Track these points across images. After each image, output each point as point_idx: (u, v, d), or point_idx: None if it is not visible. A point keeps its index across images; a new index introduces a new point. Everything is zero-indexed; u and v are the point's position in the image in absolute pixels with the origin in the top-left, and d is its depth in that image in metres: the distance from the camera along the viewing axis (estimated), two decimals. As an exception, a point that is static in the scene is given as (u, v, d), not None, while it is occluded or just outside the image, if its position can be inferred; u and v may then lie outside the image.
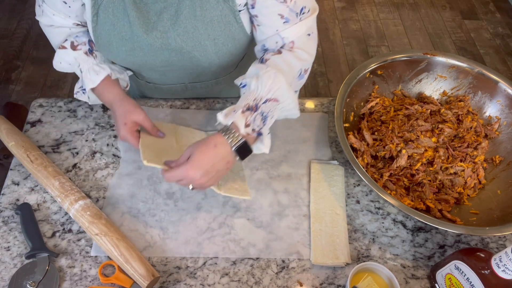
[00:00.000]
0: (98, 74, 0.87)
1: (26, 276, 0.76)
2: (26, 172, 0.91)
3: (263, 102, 0.75)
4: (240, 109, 0.73)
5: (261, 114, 0.74)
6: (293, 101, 0.79)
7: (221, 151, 0.72)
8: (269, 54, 0.81)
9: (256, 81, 0.75)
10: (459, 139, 0.96)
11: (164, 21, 0.79)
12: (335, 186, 0.91)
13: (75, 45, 0.87)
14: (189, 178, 0.72)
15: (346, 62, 2.46)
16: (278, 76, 0.75)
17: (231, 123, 0.73)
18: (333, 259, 0.81)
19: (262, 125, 0.74)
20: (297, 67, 0.80)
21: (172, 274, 0.79)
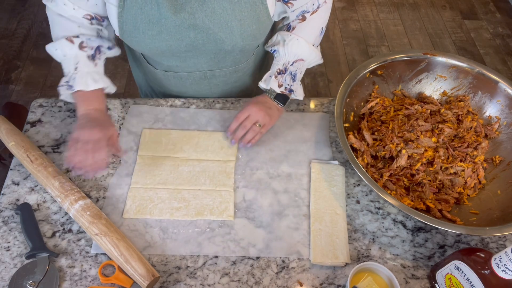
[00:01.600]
0: (96, 82, 0.88)
1: (26, 276, 0.76)
2: (26, 172, 0.91)
3: (290, 64, 0.96)
4: (273, 74, 0.96)
5: (290, 74, 0.96)
6: (316, 56, 0.98)
7: (267, 100, 0.97)
8: (295, 22, 0.96)
9: (283, 48, 0.96)
10: (459, 139, 0.96)
11: (192, 2, 0.80)
12: (335, 186, 0.91)
13: (83, 46, 0.88)
14: (253, 112, 0.94)
15: (346, 62, 2.46)
16: (301, 42, 0.94)
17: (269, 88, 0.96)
18: (332, 259, 0.81)
19: (292, 82, 0.97)
20: (319, 28, 0.97)
21: (172, 274, 0.79)
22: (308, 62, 0.98)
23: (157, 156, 0.94)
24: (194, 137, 0.97)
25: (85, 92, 0.87)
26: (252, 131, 0.94)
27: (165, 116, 1.01)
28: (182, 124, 1.00)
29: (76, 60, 0.87)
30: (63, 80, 0.88)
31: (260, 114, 0.94)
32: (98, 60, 0.90)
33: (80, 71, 0.87)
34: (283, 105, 0.97)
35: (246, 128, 0.93)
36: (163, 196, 0.88)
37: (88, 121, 0.85)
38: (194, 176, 0.91)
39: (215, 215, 0.86)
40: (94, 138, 0.82)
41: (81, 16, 0.86)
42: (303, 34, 0.95)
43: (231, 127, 0.95)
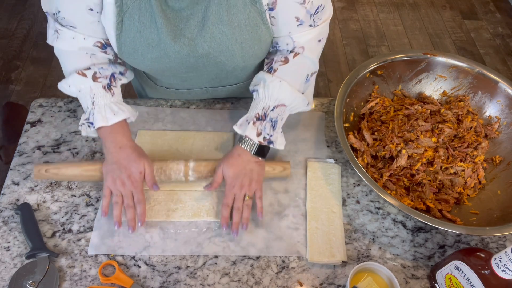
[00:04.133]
0: (116, 114, 0.83)
1: (26, 276, 0.76)
2: (26, 172, 0.91)
3: (271, 110, 0.85)
4: (251, 120, 0.84)
5: (270, 121, 0.85)
6: (300, 101, 0.87)
7: (244, 157, 0.85)
8: (277, 63, 0.87)
9: (263, 89, 0.85)
10: (459, 139, 0.96)
11: (191, 27, 0.78)
12: (332, 185, 0.91)
13: (97, 76, 0.84)
14: (236, 188, 0.83)
15: (346, 62, 2.46)
16: (283, 84, 0.84)
17: (245, 135, 0.84)
18: (329, 257, 0.81)
19: (271, 131, 0.85)
20: (303, 73, 0.87)
21: (172, 274, 0.79)
22: (290, 108, 0.87)
23: (153, 157, 0.93)
24: (189, 138, 0.97)
25: (106, 128, 0.83)
26: (246, 208, 0.84)
27: (165, 116, 1.01)
28: (182, 124, 1.00)
29: (92, 93, 0.83)
30: (83, 118, 0.85)
31: (245, 185, 0.83)
32: (114, 88, 0.86)
33: (97, 105, 0.83)
34: (263, 158, 0.87)
35: (240, 210, 0.83)
36: (159, 198, 0.88)
37: (117, 168, 0.82)
38: (192, 177, 0.91)
39: (211, 216, 0.86)
40: (128, 192, 0.82)
41: (91, 44, 0.83)
42: (286, 77, 0.85)
43: (223, 217, 0.83)
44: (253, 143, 0.84)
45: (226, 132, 0.99)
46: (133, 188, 0.82)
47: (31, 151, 0.94)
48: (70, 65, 0.85)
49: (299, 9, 0.79)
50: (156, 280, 0.79)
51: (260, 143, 0.84)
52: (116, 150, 0.83)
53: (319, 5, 0.80)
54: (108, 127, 0.83)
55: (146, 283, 0.78)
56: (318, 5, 0.80)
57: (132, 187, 0.81)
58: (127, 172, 0.82)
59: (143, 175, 0.83)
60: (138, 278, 0.79)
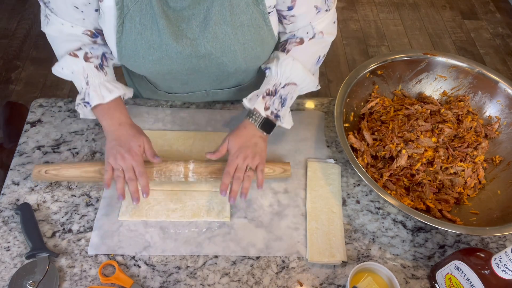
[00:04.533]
0: (111, 92, 0.84)
1: (26, 276, 0.77)
2: (26, 172, 0.91)
3: (282, 87, 0.87)
4: (261, 94, 0.86)
5: (279, 97, 0.87)
6: (310, 82, 0.90)
7: (250, 130, 0.86)
8: (292, 44, 0.88)
9: (276, 67, 0.87)
10: (459, 139, 0.96)
11: (193, 28, 0.78)
12: (332, 185, 0.91)
13: (89, 56, 0.84)
14: (240, 159, 0.83)
15: (346, 62, 2.46)
16: (295, 63, 0.86)
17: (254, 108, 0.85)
18: (329, 257, 0.81)
19: (280, 107, 0.86)
20: (316, 55, 0.90)
21: (172, 274, 0.79)
22: (301, 88, 0.89)
23: None
24: (189, 138, 0.97)
25: (103, 106, 0.84)
26: (247, 178, 0.83)
27: (165, 116, 1.01)
28: (182, 124, 1.00)
29: (85, 73, 0.84)
30: (79, 98, 0.85)
31: (248, 157, 0.84)
32: (106, 68, 0.87)
33: (92, 84, 0.84)
34: (268, 133, 0.88)
35: (240, 179, 0.83)
36: (159, 198, 0.88)
37: (117, 144, 0.82)
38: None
39: (211, 216, 0.86)
40: (129, 165, 0.81)
41: (80, 32, 0.84)
42: (299, 57, 0.87)
43: (224, 183, 0.82)
44: (260, 117, 0.85)
45: (226, 133, 0.99)
46: (134, 162, 0.81)
47: (31, 151, 0.94)
48: (61, 48, 0.85)
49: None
50: (156, 280, 0.79)
51: (267, 117, 0.85)
52: (115, 127, 0.84)
53: None
54: (105, 105, 0.84)
55: (146, 283, 0.78)
56: None
57: (133, 160, 0.81)
58: (126, 146, 0.82)
59: (143, 148, 0.83)
60: (138, 278, 0.79)
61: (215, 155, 0.85)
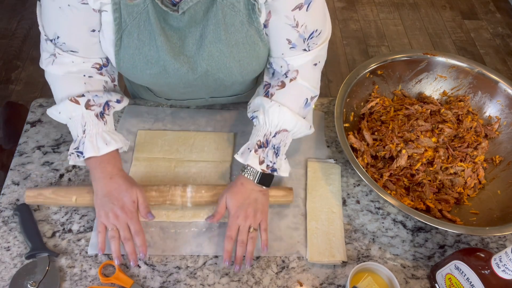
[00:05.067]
0: (107, 144, 0.80)
1: (27, 276, 0.77)
2: (26, 172, 0.91)
3: (273, 136, 0.82)
4: (252, 148, 0.82)
5: (272, 148, 0.82)
6: (302, 126, 0.84)
7: (247, 186, 0.82)
8: (274, 88, 0.84)
9: (263, 115, 0.83)
10: (459, 139, 0.96)
11: (190, 46, 0.77)
12: (332, 185, 0.91)
13: (90, 104, 0.80)
14: (241, 219, 0.80)
15: (346, 62, 2.46)
16: (282, 109, 0.81)
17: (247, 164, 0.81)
18: (329, 257, 0.81)
19: (275, 158, 0.82)
20: (302, 97, 0.84)
21: (172, 274, 0.79)
22: (293, 133, 0.84)
23: (153, 157, 0.94)
24: (190, 138, 0.97)
25: (97, 158, 0.79)
26: (251, 241, 0.80)
27: (165, 116, 1.01)
28: (182, 124, 1.00)
29: (83, 121, 0.80)
30: (72, 147, 0.81)
31: (249, 216, 0.80)
32: (107, 116, 0.83)
33: (88, 134, 0.79)
34: (267, 187, 0.84)
35: (244, 243, 0.79)
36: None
37: (108, 201, 0.78)
38: (190, 178, 0.91)
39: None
40: (123, 224, 0.78)
41: (90, 66, 0.81)
42: (284, 101, 0.82)
43: (227, 251, 0.78)
44: (256, 172, 0.81)
45: (226, 133, 0.99)
46: (129, 219, 0.78)
47: (31, 151, 0.94)
48: (62, 91, 0.81)
49: (291, 31, 0.76)
50: (156, 280, 0.79)
51: (263, 171, 0.81)
52: (106, 181, 0.79)
53: (314, 30, 0.77)
54: (98, 158, 0.79)
55: (146, 283, 0.78)
56: (313, 30, 0.77)
57: (127, 218, 0.78)
58: (119, 203, 0.78)
59: (137, 204, 0.80)
60: (138, 278, 0.79)
61: (215, 218, 0.81)
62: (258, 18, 0.75)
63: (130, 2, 0.70)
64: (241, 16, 0.74)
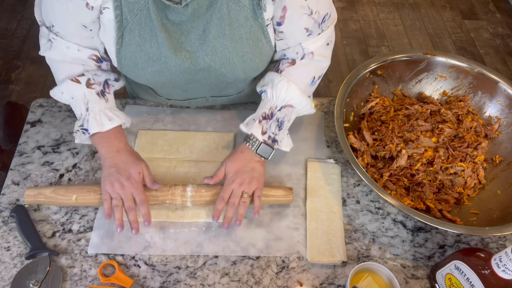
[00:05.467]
0: (111, 120, 0.83)
1: (28, 276, 0.77)
2: (26, 172, 0.91)
3: (278, 110, 0.85)
4: (257, 118, 0.84)
5: (276, 121, 0.85)
6: (307, 104, 0.87)
7: (247, 155, 0.84)
8: (284, 64, 0.87)
9: (271, 90, 0.85)
10: (459, 139, 0.96)
11: (192, 41, 0.77)
12: (332, 185, 0.91)
13: (91, 82, 0.83)
14: (236, 184, 0.82)
15: (346, 62, 2.46)
16: (291, 85, 0.84)
17: (250, 133, 0.84)
18: (329, 257, 0.81)
19: (277, 130, 0.85)
20: (310, 75, 0.88)
21: (172, 274, 0.79)
22: (297, 110, 0.87)
23: (153, 157, 0.94)
24: (190, 138, 0.97)
25: (102, 133, 0.82)
26: (243, 205, 0.82)
27: (165, 116, 1.01)
28: (182, 124, 1.00)
29: (85, 99, 0.82)
30: (77, 125, 0.84)
31: (245, 182, 0.82)
32: (108, 94, 0.86)
33: (92, 111, 0.82)
34: (266, 158, 0.85)
35: (235, 205, 0.81)
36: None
37: (115, 171, 0.80)
38: (190, 178, 0.91)
39: (211, 217, 0.86)
40: (128, 193, 0.80)
41: (86, 57, 0.82)
42: (292, 78, 0.85)
43: (217, 209, 0.81)
44: (257, 141, 0.84)
45: (226, 133, 0.99)
46: (134, 189, 0.80)
47: (31, 151, 0.94)
48: (62, 72, 0.83)
49: (308, 20, 0.80)
50: (156, 280, 0.79)
51: (265, 141, 0.84)
52: (113, 154, 0.82)
53: (325, 13, 0.81)
54: (103, 133, 0.82)
55: (146, 283, 0.78)
56: (325, 13, 0.81)
57: (133, 188, 0.80)
58: (125, 173, 0.80)
59: (142, 175, 0.82)
60: (138, 278, 0.79)
61: (213, 180, 0.83)
62: (263, 14, 0.75)
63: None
64: (245, 11, 0.74)
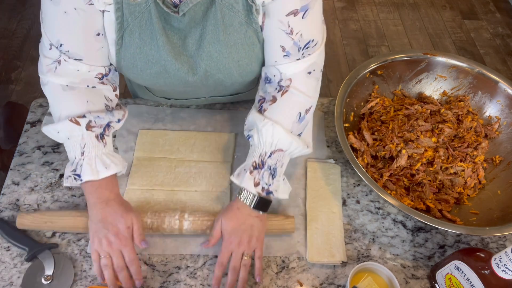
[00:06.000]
0: (107, 168, 0.76)
1: (38, 273, 0.76)
2: (26, 172, 0.91)
3: (268, 156, 0.78)
4: (248, 169, 0.78)
5: (268, 169, 0.78)
6: (298, 145, 0.79)
7: (243, 210, 0.78)
8: (267, 103, 0.81)
9: (257, 135, 0.79)
10: (459, 139, 0.96)
11: (190, 46, 0.77)
12: (332, 185, 0.91)
13: (91, 125, 0.77)
14: (234, 245, 0.77)
15: (346, 62, 2.46)
16: (276, 128, 0.77)
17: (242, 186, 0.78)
18: (328, 257, 0.81)
19: (271, 180, 0.78)
20: (294, 112, 0.79)
21: (172, 274, 0.79)
22: (289, 152, 0.80)
23: (154, 157, 0.94)
24: (191, 138, 0.97)
25: (94, 182, 0.76)
26: (244, 268, 0.76)
27: (165, 116, 1.01)
28: (182, 124, 1.00)
29: (83, 142, 0.76)
30: (69, 170, 0.77)
31: (244, 242, 0.77)
32: (107, 137, 0.80)
33: (87, 156, 0.76)
34: (264, 212, 0.79)
35: (236, 270, 0.76)
36: (159, 198, 0.88)
37: (102, 226, 0.75)
38: (191, 178, 0.91)
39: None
40: (116, 251, 0.74)
41: (94, 76, 0.79)
42: (276, 118, 0.78)
43: (216, 277, 0.75)
44: (252, 195, 0.77)
45: (227, 133, 0.99)
46: (122, 247, 0.74)
47: (31, 151, 0.94)
48: (62, 109, 0.77)
49: (285, 38, 0.74)
50: (156, 280, 0.79)
51: (259, 194, 0.77)
52: (101, 206, 0.76)
53: (310, 40, 0.75)
54: (96, 182, 0.76)
55: (146, 283, 0.78)
56: (309, 40, 0.75)
57: (121, 245, 0.74)
58: (113, 229, 0.75)
59: (131, 230, 0.76)
60: (138, 278, 0.79)
61: (210, 243, 0.78)
62: (256, 19, 0.74)
63: (133, 2, 0.70)
64: (239, 17, 0.73)
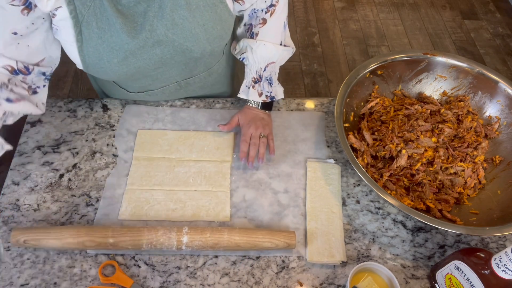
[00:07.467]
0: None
1: None
2: (26, 172, 0.91)
3: (263, 70, 0.96)
4: (249, 85, 0.97)
5: (266, 80, 0.97)
6: (284, 51, 0.96)
7: (254, 110, 0.99)
8: (257, 27, 0.93)
9: (252, 55, 0.94)
10: (459, 139, 0.96)
11: (151, 19, 0.77)
12: (332, 185, 0.91)
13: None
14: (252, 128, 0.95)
15: (346, 62, 2.46)
16: (267, 46, 0.93)
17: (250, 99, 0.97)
18: (328, 257, 0.81)
19: (270, 88, 0.98)
20: (281, 24, 0.95)
21: (172, 274, 0.79)
22: (279, 61, 0.98)
23: (153, 157, 0.94)
24: (190, 138, 0.97)
25: None
26: (262, 144, 0.94)
27: (165, 116, 1.01)
28: (182, 124, 1.00)
29: None
30: None
31: (260, 126, 0.95)
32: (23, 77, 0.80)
33: None
34: (269, 110, 1.00)
35: (257, 145, 0.93)
36: (159, 198, 0.88)
37: None
38: (190, 177, 0.91)
39: (211, 216, 0.86)
40: None
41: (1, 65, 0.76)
42: (268, 37, 0.93)
43: (242, 151, 0.93)
44: (258, 102, 0.97)
45: (226, 132, 0.99)
46: None
47: (31, 151, 0.94)
48: None
49: None
50: (156, 280, 0.79)
51: (264, 101, 0.97)
52: None
53: None
54: None
55: (146, 283, 0.78)
56: None
57: None
58: None
59: None
60: (138, 278, 0.79)
61: (226, 126, 0.96)
62: None
63: None
64: None
